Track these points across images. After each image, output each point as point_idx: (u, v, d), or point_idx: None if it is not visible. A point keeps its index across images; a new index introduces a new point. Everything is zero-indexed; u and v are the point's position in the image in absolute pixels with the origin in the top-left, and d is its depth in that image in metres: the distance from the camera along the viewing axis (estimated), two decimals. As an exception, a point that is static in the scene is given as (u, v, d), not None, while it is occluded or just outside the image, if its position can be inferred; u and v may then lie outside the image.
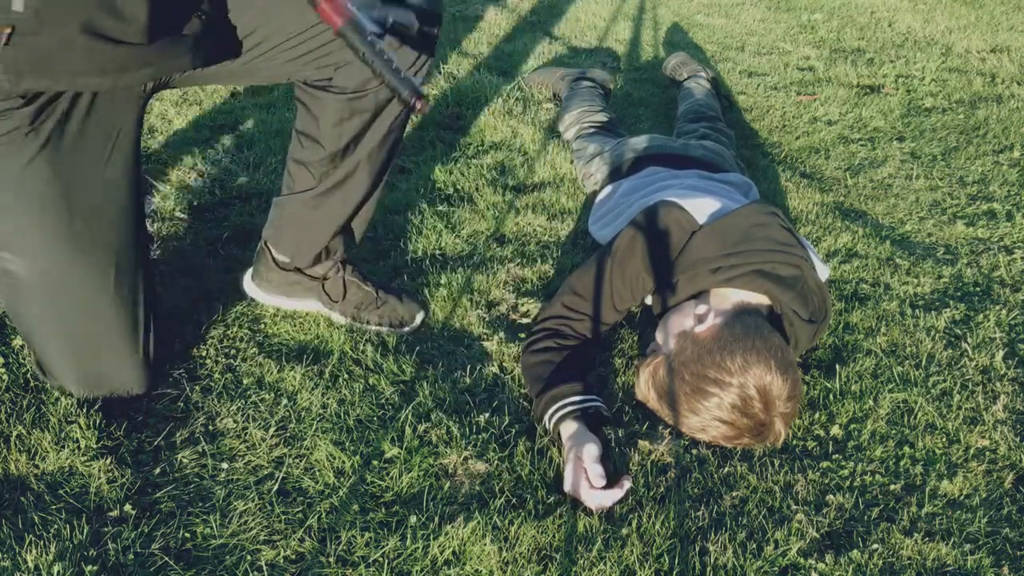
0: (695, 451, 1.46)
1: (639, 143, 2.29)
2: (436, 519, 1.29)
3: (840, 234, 2.19)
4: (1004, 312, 1.86)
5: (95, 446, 1.37)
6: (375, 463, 1.39)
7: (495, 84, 3.11)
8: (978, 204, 2.39)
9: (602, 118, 2.66)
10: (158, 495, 1.31)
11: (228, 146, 2.50)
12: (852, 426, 1.52)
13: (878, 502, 1.37)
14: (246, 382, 1.56)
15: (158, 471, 1.36)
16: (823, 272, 1.69)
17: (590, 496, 1.32)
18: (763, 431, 1.42)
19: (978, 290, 1.96)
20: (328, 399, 1.52)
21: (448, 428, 1.46)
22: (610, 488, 1.33)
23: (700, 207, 1.69)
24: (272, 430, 1.45)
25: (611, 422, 1.50)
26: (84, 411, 1.41)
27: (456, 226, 2.16)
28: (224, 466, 1.38)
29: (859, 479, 1.41)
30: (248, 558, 1.21)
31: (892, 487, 1.39)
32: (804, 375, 1.64)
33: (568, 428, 1.42)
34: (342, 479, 1.36)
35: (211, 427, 1.46)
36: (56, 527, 1.23)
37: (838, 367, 1.66)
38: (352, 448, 1.42)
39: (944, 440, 1.49)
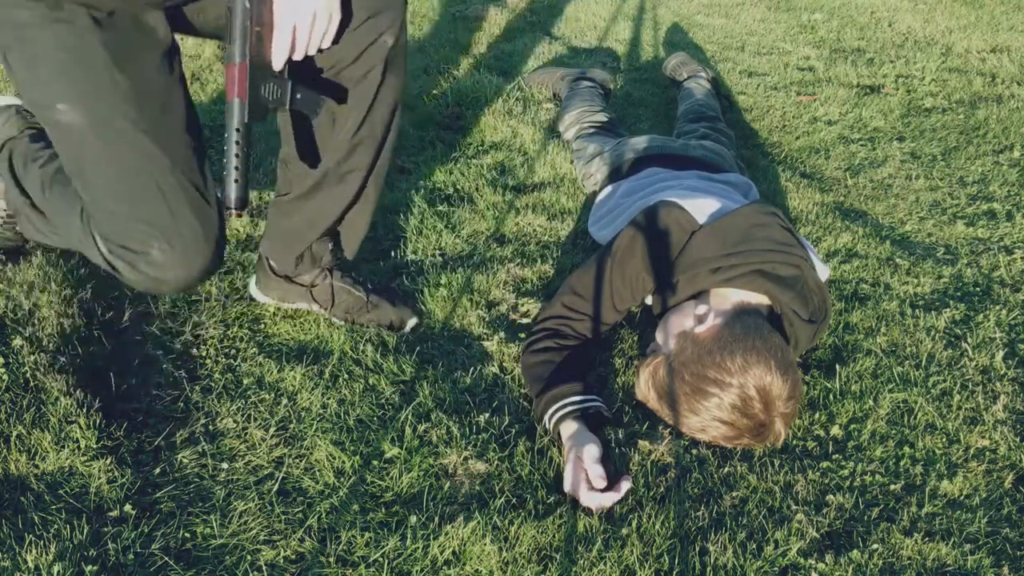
0: (695, 451, 1.46)
1: (639, 143, 2.29)
2: (436, 519, 1.29)
3: (840, 234, 2.19)
4: (1004, 312, 1.86)
5: (95, 446, 1.37)
6: (375, 463, 1.39)
7: (495, 84, 3.11)
8: (978, 204, 2.40)
9: (602, 118, 2.66)
10: (158, 495, 1.31)
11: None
12: (852, 426, 1.52)
13: (878, 502, 1.37)
14: (246, 382, 1.56)
15: (158, 471, 1.36)
16: (823, 272, 1.69)
17: (590, 497, 1.32)
18: (763, 431, 1.42)
19: (978, 290, 1.96)
20: (328, 399, 1.53)
21: (448, 428, 1.46)
22: (610, 489, 1.33)
23: (700, 207, 1.69)
24: (272, 430, 1.45)
25: (611, 423, 1.50)
26: (84, 411, 1.41)
27: (456, 226, 2.16)
28: (224, 466, 1.38)
29: (859, 479, 1.41)
30: (248, 558, 1.21)
31: (892, 487, 1.39)
32: (804, 375, 1.64)
33: (568, 428, 1.42)
34: (342, 479, 1.36)
35: (211, 427, 1.46)
36: (56, 527, 1.23)
37: (838, 367, 1.66)
38: (352, 448, 1.42)
39: (944, 440, 1.49)
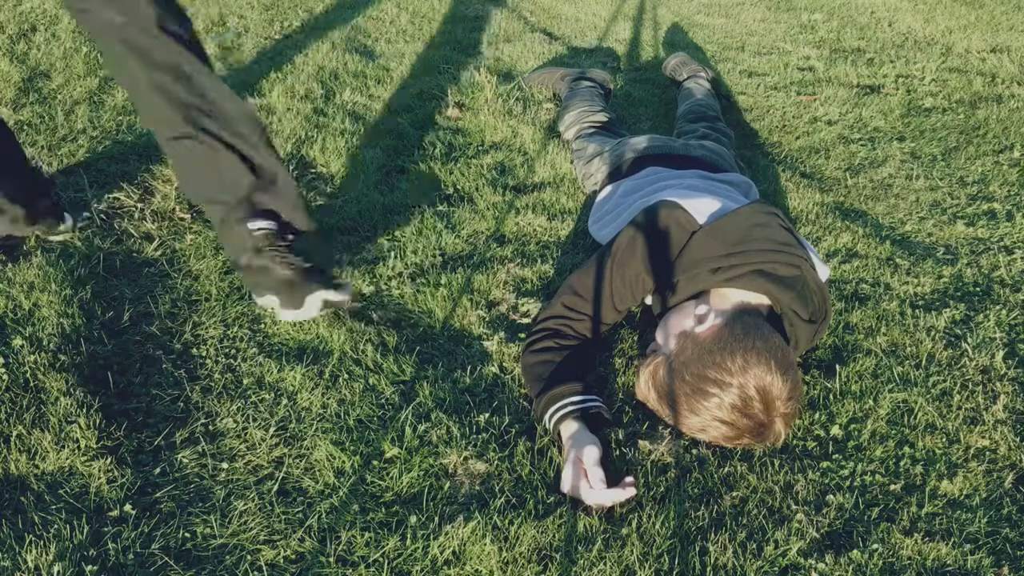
0: (695, 451, 1.46)
1: (639, 143, 2.28)
2: (436, 519, 1.29)
3: (840, 234, 2.19)
4: (1004, 312, 1.86)
5: (95, 446, 1.37)
6: (375, 463, 1.39)
7: (495, 84, 3.11)
8: (978, 204, 2.39)
9: (602, 118, 2.66)
10: (158, 495, 1.31)
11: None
12: (852, 426, 1.52)
13: (878, 502, 1.37)
14: (246, 382, 1.56)
15: (158, 471, 1.36)
16: (823, 272, 1.69)
17: (590, 495, 1.32)
18: (763, 431, 1.42)
19: (978, 290, 1.96)
20: (328, 399, 1.52)
21: (448, 428, 1.46)
22: (611, 488, 1.33)
23: (700, 207, 1.69)
24: (272, 430, 1.45)
25: (611, 423, 1.50)
26: (84, 411, 1.41)
27: (456, 226, 2.16)
28: (224, 466, 1.38)
29: (859, 479, 1.41)
30: (248, 558, 1.21)
31: (892, 487, 1.39)
32: (804, 375, 1.64)
33: (568, 428, 1.42)
34: (342, 479, 1.36)
35: (211, 427, 1.46)
36: (56, 527, 1.23)
37: (838, 367, 1.66)
38: (352, 448, 1.42)
39: (944, 440, 1.49)
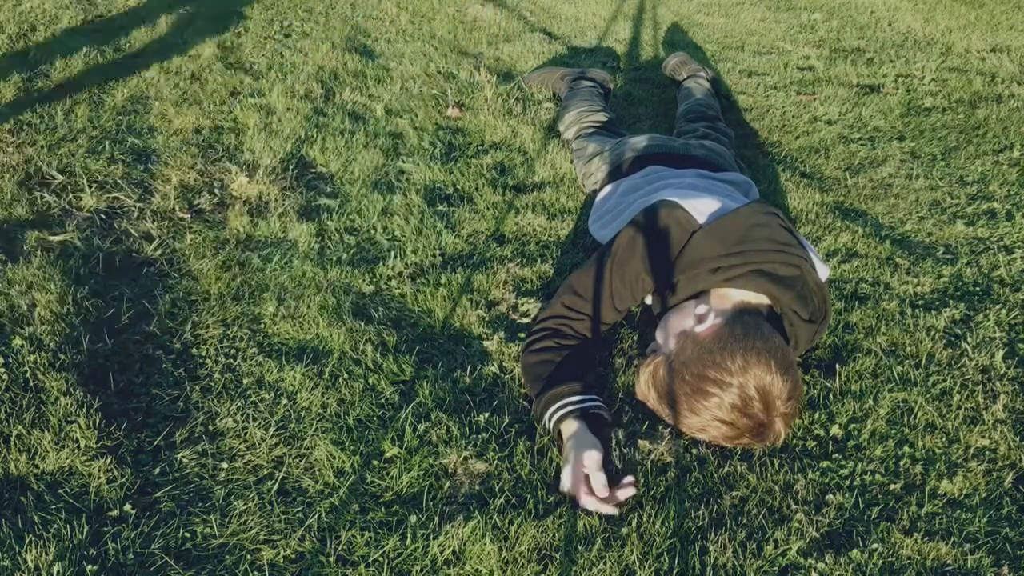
0: (695, 451, 1.46)
1: (639, 143, 2.28)
2: (436, 519, 1.29)
3: (840, 234, 2.19)
4: (1004, 312, 1.86)
5: (95, 446, 1.37)
6: (375, 463, 1.39)
7: (495, 84, 3.11)
8: (978, 204, 2.39)
9: (602, 118, 2.66)
10: (158, 495, 1.31)
11: (228, 146, 2.50)
12: (852, 426, 1.52)
13: (878, 502, 1.37)
14: (246, 382, 1.56)
15: (158, 471, 1.36)
16: (823, 272, 1.69)
17: (589, 501, 1.32)
18: (763, 431, 1.42)
19: (978, 290, 1.96)
20: (328, 399, 1.52)
21: (448, 428, 1.46)
22: (613, 492, 1.34)
23: (700, 207, 1.69)
24: (272, 430, 1.45)
25: (611, 423, 1.50)
26: (84, 411, 1.41)
27: (456, 226, 2.16)
28: (224, 466, 1.38)
29: (859, 479, 1.41)
30: (248, 558, 1.21)
31: (892, 487, 1.39)
32: (804, 375, 1.64)
33: (568, 428, 1.42)
34: (342, 479, 1.36)
35: (211, 427, 1.46)
36: (56, 527, 1.23)
37: (838, 367, 1.66)
38: (352, 448, 1.42)
39: (944, 440, 1.49)
